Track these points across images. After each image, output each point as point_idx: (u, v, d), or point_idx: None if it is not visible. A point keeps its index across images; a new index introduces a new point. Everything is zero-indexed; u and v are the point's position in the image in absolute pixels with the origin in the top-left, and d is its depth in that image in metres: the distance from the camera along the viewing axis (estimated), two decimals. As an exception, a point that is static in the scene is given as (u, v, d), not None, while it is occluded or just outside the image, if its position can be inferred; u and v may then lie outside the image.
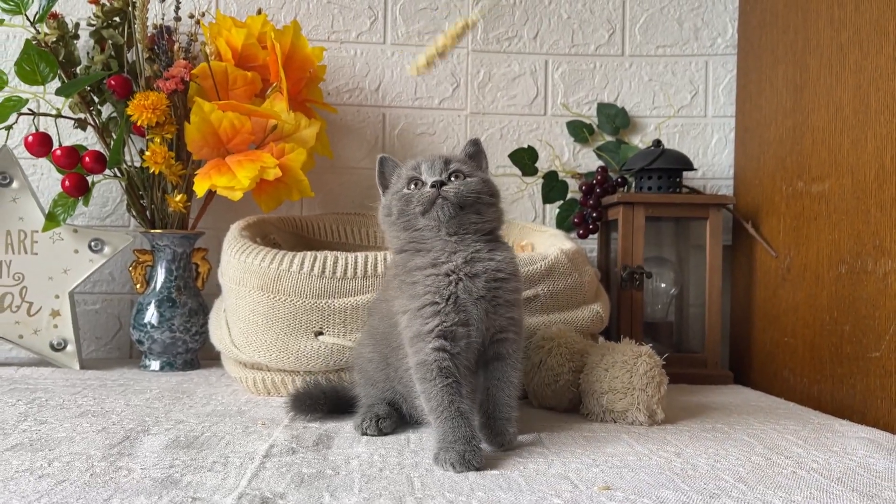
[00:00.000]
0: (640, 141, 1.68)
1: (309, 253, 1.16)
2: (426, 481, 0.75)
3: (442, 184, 0.88)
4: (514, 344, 0.92)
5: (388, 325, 0.94)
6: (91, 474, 0.74)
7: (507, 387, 0.91)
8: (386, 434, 0.94)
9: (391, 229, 0.93)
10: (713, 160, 1.69)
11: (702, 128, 1.69)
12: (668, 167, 1.49)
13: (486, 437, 0.89)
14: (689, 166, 1.51)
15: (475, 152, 0.96)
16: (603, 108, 1.68)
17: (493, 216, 0.92)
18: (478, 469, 0.79)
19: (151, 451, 0.83)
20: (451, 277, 0.87)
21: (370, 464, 0.81)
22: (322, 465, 0.80)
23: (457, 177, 0.90)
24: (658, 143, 1.52)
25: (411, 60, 0.84)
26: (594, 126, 1.68)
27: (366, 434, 0.94)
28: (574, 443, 0.92)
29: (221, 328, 1.23)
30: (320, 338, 1.14)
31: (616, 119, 1.67)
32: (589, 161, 1.68)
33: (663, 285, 1.56)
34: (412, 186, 0.90)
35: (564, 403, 1.11)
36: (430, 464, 0.81)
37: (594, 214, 1.58)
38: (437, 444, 0.83)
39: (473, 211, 0.89)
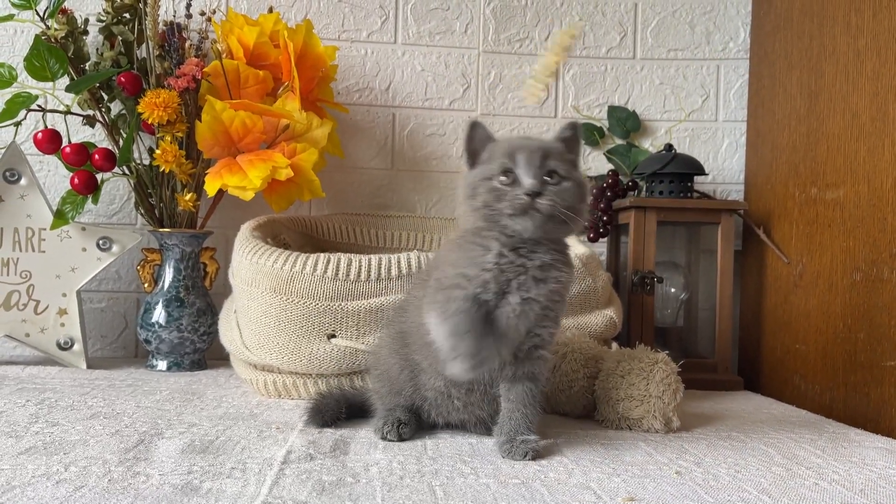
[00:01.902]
0: (650, 144, 1.68)
1: (322, 255, 1.15)
2: (448, 490, 0.74)
3: (538, 193, 0.84)
4: (546, 364, 0.92)
5: (419, 324, 0.93)
6: (109, 480, 0.73)
7: (530, 408, 0.90)
8: (405, 440, 0.93)
9: (472, 214, 0.88)
10: (723, 165, 1.68)
11: (712, 132, 1.69)
12: (680, 172, 1.48)
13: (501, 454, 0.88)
14: (700, 171, 1.51)
15: (571, 138, 0.90)
16: (614, 111, 1.67)
17: (577, 225, 0.89)
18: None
19: (168, 456, 0.82)
20: (516, 268, 0.86)
21: (390, 471, 0.80)
22: (341, 472, 0.79)
23: (551, 176, 0.86)
24: (670, 147, 1.52)
25: (527, 92, 0.82)
26: (605, 129, 1.67)
27: (385, 439, 0.93)
28: (592, 451, 0.91)
29: (232, 329, 1.22)
30: (333, 340, 1.13)
31: (627, 122, 1.66)
32: (599, 164, 1.67)
33: (673, 290, 1.55)
34: (504, 178, 0.86)
35: (578, 409, 1.10)
36: (451, 472, 0.80)
37: (605, 218, 1.57)
38: (445, 353, 0.84)
39: (561, 221, 0.86)
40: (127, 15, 1.44)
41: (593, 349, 1.12)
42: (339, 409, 1.00)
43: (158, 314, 1.40)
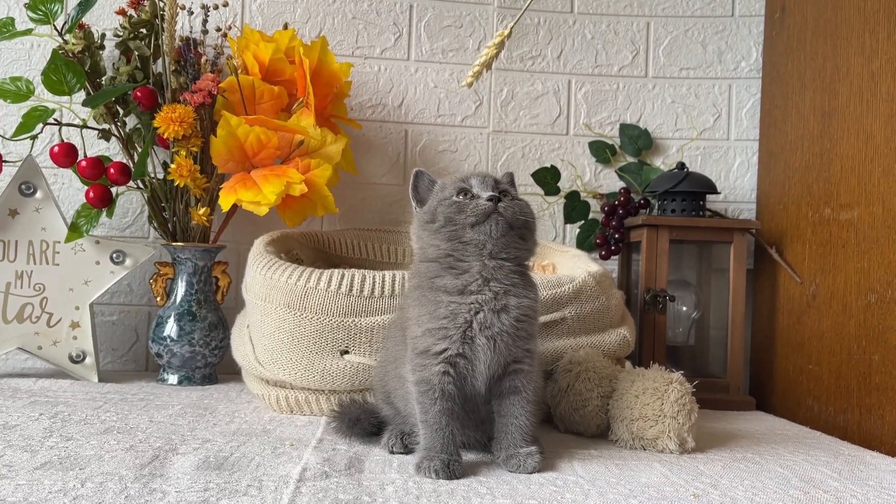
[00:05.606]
0: (662, 162, 1.68)
1: (336, 270, 1.15)
2: (465, 511, 0.74)
3: (498, 199, 0.88)
4: (528, 376, 0.92)
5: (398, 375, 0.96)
6: (126, 496, 0.73)
7: (521, 419, 0.91)
8: (412, 452, 0.94)
9: (433, 238, 0.90)
10: (735, 183, 1.68)
11: (724, 151, 1.69)
12: (692, 190, 1.48)
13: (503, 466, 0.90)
14: (713, 190, 1.51)
15: (509, 182, 0.98)
16: (625, 129, 1.67)
17: (532, 245, 0.94)
18: (458, 478, 0.84)
19: (183, 473, 0.82)
20: (472, 307, 0.88)
21: (406, 491, 0.79)
22: (357, 490, 0.79)
23: (505, 195, 0.91)
24: (682, 165, 1.52)
25: (464, 79, 0.99)
26: (616, 147, 1.67)
27: (393, 452, 0.94)
28: (607, 471, 0.91)
29: (245, 344, 1.22)
30: (346, 357, 1.13)
31: (638, 140, 1.66)
32: (610, 182, 1.68)
33: (684, 309, 1.55)
34: (462, 196, 0.90)
35: (592, 429, 1.10)
36: (467, 492, 0.80)
37: (616, 236, 1.57)
38: (422, 452, 0.87)
39: (519, 235, 0.90)
40: (143, 30, 1.45)
41: (607, 368, 1.12)
42: (368, 419, 1.02)
43: (170, 328, 1.40)
